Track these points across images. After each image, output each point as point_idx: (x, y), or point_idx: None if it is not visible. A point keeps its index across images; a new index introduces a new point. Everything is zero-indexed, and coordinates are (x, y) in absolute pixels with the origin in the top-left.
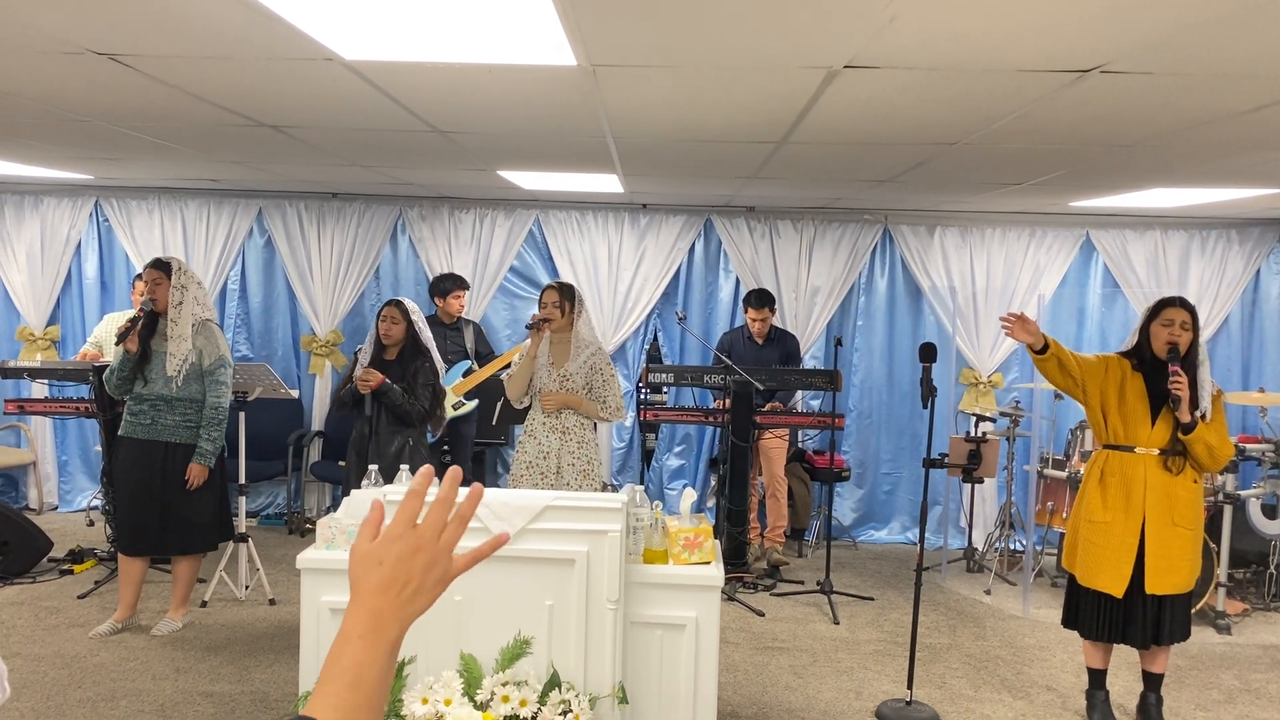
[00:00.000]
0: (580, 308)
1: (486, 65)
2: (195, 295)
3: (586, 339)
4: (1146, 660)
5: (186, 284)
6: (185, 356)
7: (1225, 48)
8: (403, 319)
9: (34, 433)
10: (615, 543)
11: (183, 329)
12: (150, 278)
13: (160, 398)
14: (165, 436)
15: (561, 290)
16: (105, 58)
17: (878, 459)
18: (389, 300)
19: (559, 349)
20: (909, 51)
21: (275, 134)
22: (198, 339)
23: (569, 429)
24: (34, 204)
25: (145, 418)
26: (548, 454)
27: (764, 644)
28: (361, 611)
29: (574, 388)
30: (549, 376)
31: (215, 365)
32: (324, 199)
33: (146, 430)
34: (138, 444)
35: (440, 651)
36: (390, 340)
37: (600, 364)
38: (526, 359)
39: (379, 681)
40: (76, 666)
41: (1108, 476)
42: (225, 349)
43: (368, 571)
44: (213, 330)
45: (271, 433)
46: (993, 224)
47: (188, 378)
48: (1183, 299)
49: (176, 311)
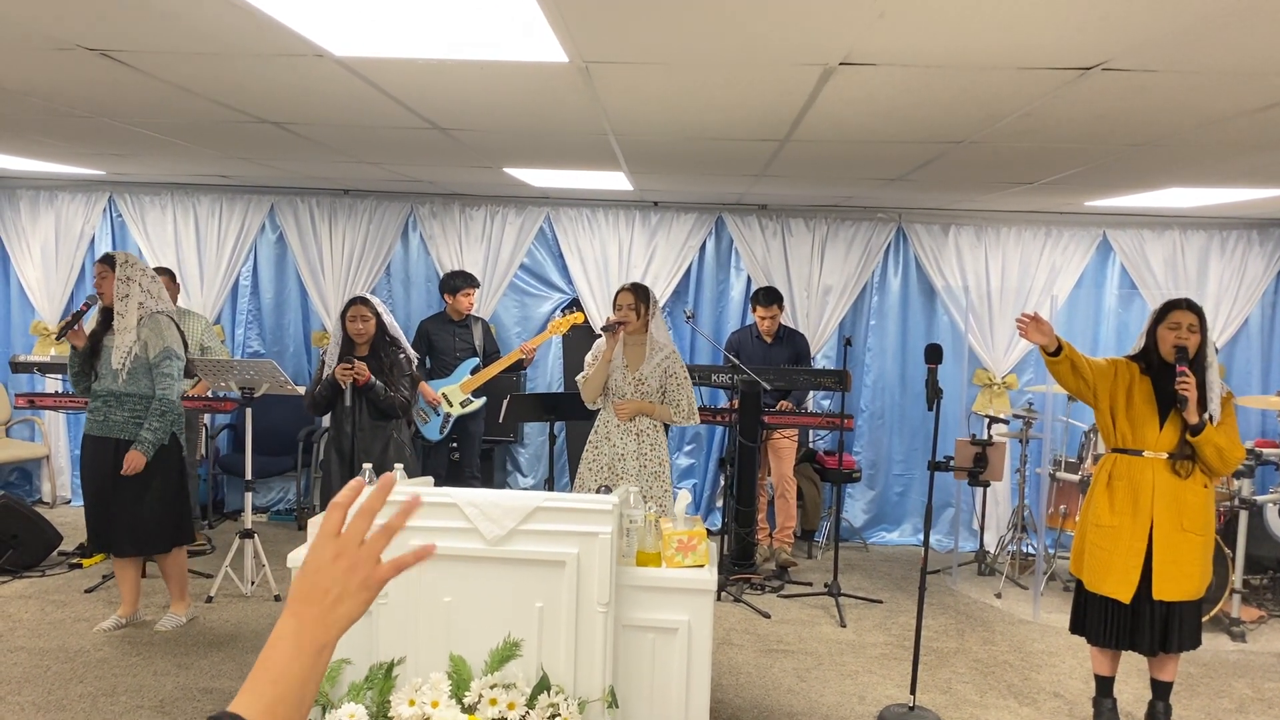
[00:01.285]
0: (655, 309)
1: (476, 62)
2: (146, 288)
3: (660, 341)
4: (1155, 668)
5: (132, 275)
6: (129, 349)
7: (1230, 46)
8: (372, 315)
9: (47, 427)
10: (606, 545)
11: (128, 321)
12: (97, 272)
13: (110, 393)
14: (115, 433)
15: (636, 291)
16: (97, 53)
17: (889, 460)
18: (353, 299)
19: (633, 351)
20: (904, 48)
21: (278, 130)
22: (142, 330)
23: (643, 432)
24: (49, 199)
25: (99, 414)
26: (624, 456)
27: (769, 646)
28: (288, 615)
29: (648, 391)
30: (624, 379)
31: (160, 357)
32: (335, 196)
33: (100, 427)
34: (93, 441)
35: (429, 653)
36: (362, 338)
37: (674, 367)
38: (602, 362)
39: (301, 681)
40: (79, 661)
41: (1115, 480)
42: (173, 341)
43: (298, 578)
44: (159, 322)
45: (282, 428)
46: (1008, 223)
47: (134, 372)
48: (1189, 300)
49: (123, 304)
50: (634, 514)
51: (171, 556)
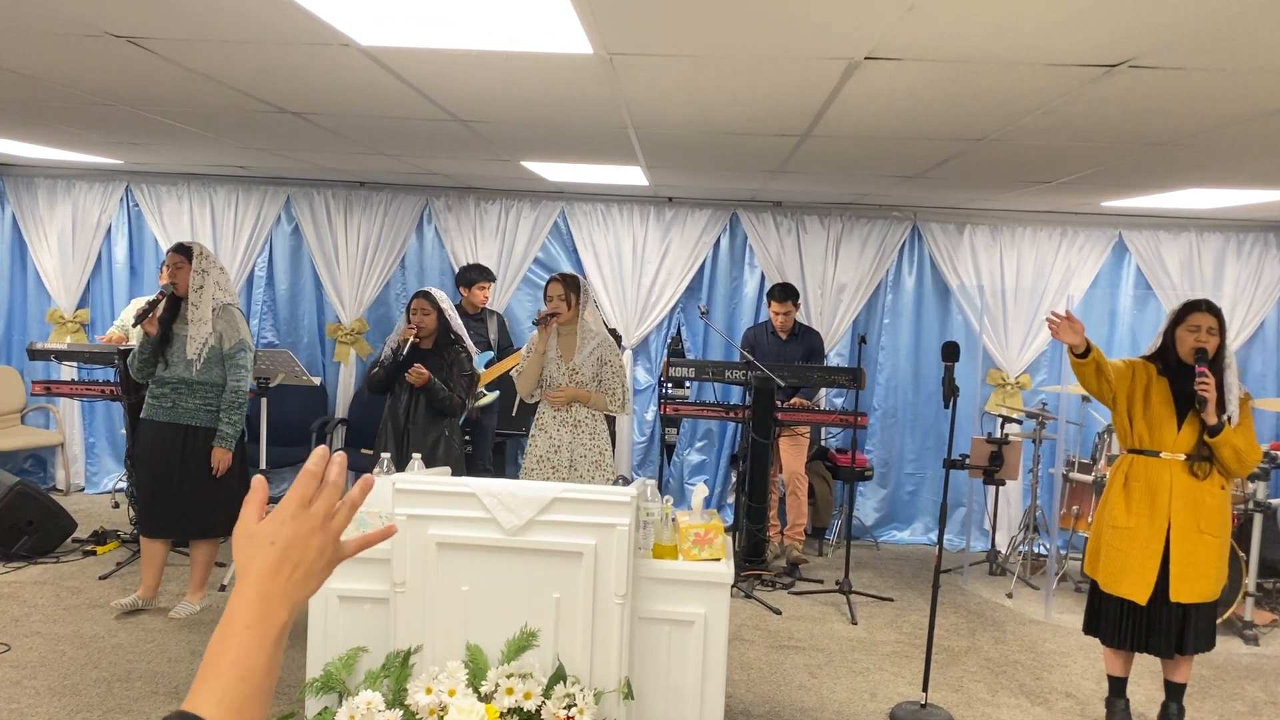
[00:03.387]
0: (586, 298)
1: (502, 53)
2: (216, 280)
3: (594, 329)
4: (1169, 669)
5: (208, 268)
6: (205, 340)
7: (1260, 42)
8: (433, 309)
9: (62, 415)
10: (624, 537)
11: (203, 312)
12: (172, 261)
13: (181, 381)
14: (185, 420)
15: (565, 282)
16: (124, 40)
17: (901, 458)
18: (417, 292)
19: (567, 341)
20: (930, 43)
21: (299, 121)
22: (218, 323)
23: (580, 422)
24: (66, 188)
25: (166, 401)
26: (559, 448)
27: (780, 642)
28: (250, 596)
29: (583, 380)
30: (558, 370)
31: (235, 349)
32: (351, 188)
33: (167, 413)
34: (158, 427)
35: (447, 642)
36: (425, 331)
37: (608, 355)
38: (535, 354)
39: (266, 671)
40: (94, 647)
41: (1132, 481)
42: (246, 333)
43: (258, 553)
44: (234, 314)
45: (296, 419)
46: (1023, 223)
47: (208, 361)
48: (1209, 302)
49: (197, 295)
50: (651, 506)
51: (206, 544)
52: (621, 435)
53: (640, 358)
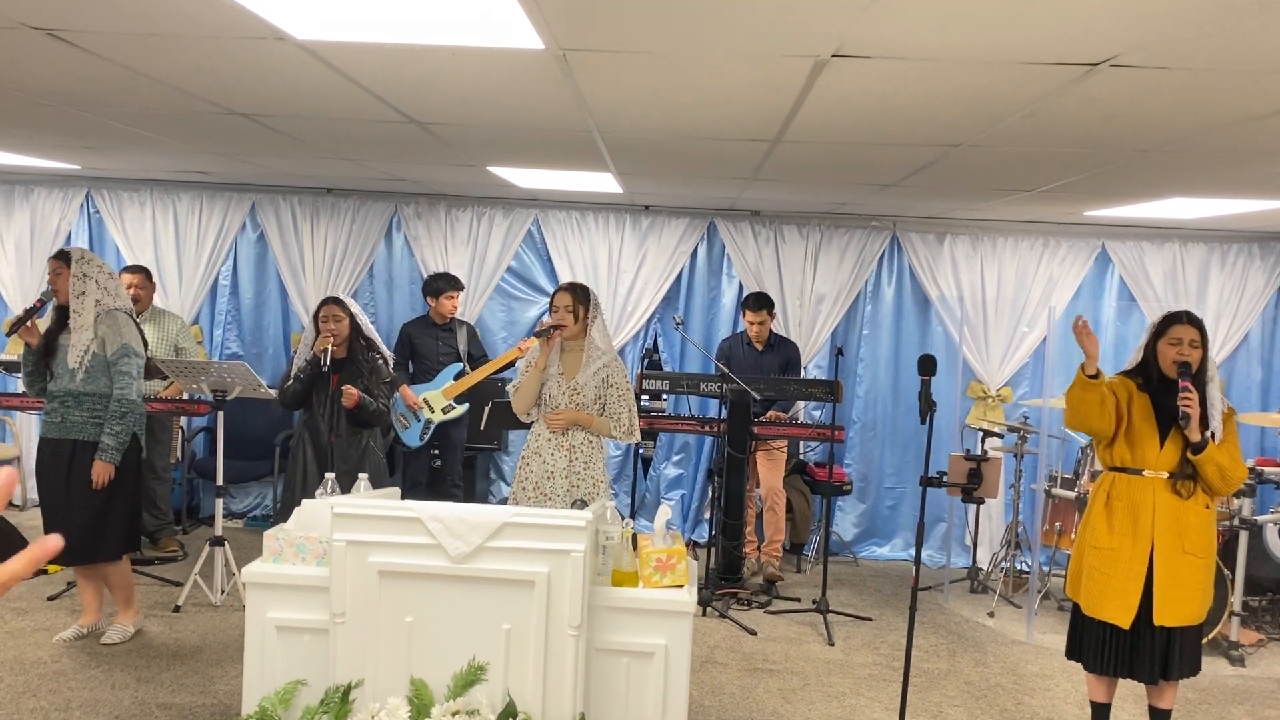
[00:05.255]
0: (596, 312)
1: (447, 47)
2: (103, 284)
3: (601, 347)
4: (1153, 695)
5: (89, 272)
6: (87, 347)
7: (1250, 40)
8: (345, 314)
9: (19, 427)
10: (578, 563)
11: (85, 319)
12: (51, 268)
13: (67, 393)
14: (74, 434)
15: (575, 292)
16: (44, 33)
17: (881, 473)
18: (325, 299)
19: (571, 358)
20: (898, 38)
21: (248, 123)
22: (99, 328)
23: (576, 447)
24: (24, 194)
25: (55, 415)
26: (553, 474)
27: (754, 665)
28: None
29: (584, 402)
30: (559, 389)
31: (118, 355)
32: (318, 194)
33: (57, 429)
34: (50, 443)
35: (389, 676)
36: (339, 339)
37: (615, 376)
38: (535, 369)
39: None
40: (35, 673)
41: (1114, 501)
42: (132, 338)
43: None
44: (117, 319)
45: (259, 432)
46: (1004, 233)
47: (92, 370)
48: (1189, 314)
49: (79, 301)
50: (610, 530)
51: (118, 564)
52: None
53: None
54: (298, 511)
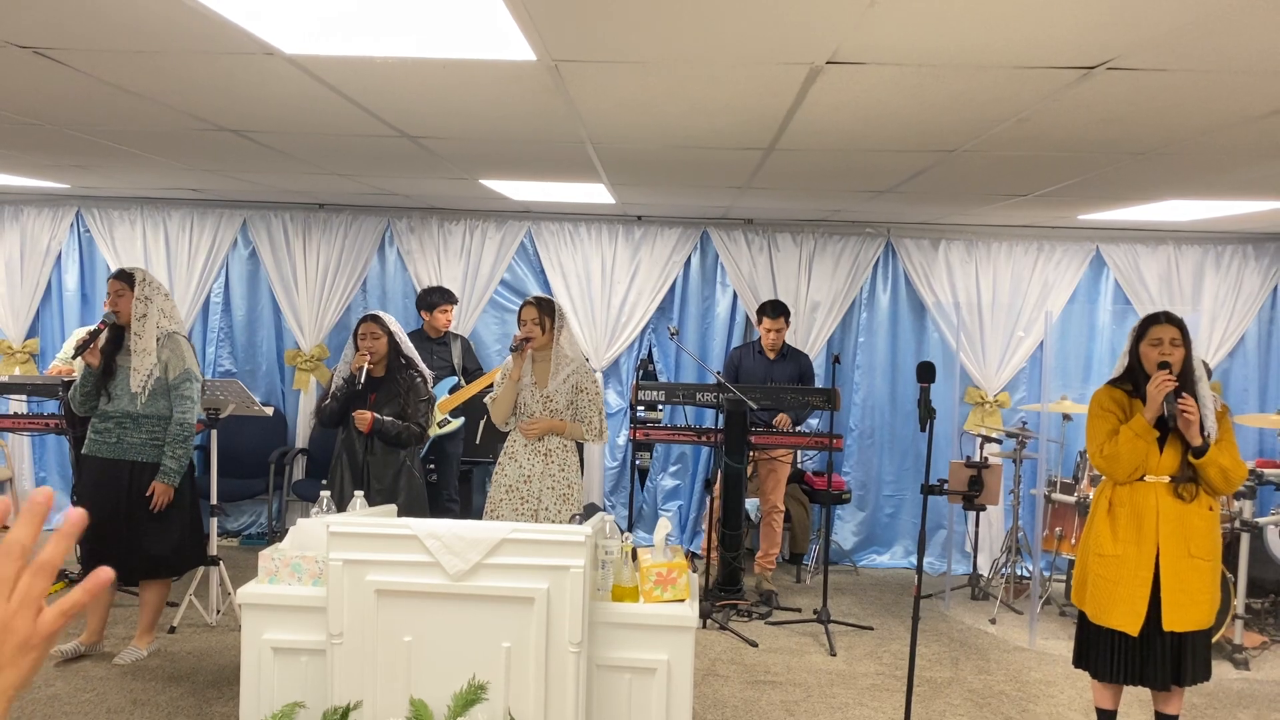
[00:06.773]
0: (561, 322)
1: (438, 60)
2: (161, 307)
3: (569, 355)
4: (1160, 701)
5: (151, 295)
6: (150, 371)
7: (1247, 40)
8: (383, 333)
9: (11, 449)
10: (578, 579)
11: (147, 342)
12: (113, 289)
13: (125, 414)
14: (131, 455)
15: (539, 305)
16: (29, 51)
17: (880, 480)
18: (365, 316)
19: (541, 368)
20: (895, 44)
21: (238, 139)
22: (163, 352)
23: (551, 451)
24: (14, 214)
25: (110, 436)
26: (529, 478)
27: (755, 677)
28: None
29: (557, 408)
30: (532, 398)
31: (180, 379)
32: (310, 210)
33: (112, 449)
34: (102, 463)
35: (388, 696)
36: (376, 356)
37: (584, 382)
38: (509, 381)
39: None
40: (28, 698)
41: (1117, 507)
42: (193, 362)
43: None
44: (179, 343)
45: (254, 450)
46: (999, 238)
47: (153, 393)
48: (1168, 313)
49: (140, 324)
50: (610, 544)
51: (155, 585)
52: (593, 461)
53: (611, 380)
54: (293, 530)
